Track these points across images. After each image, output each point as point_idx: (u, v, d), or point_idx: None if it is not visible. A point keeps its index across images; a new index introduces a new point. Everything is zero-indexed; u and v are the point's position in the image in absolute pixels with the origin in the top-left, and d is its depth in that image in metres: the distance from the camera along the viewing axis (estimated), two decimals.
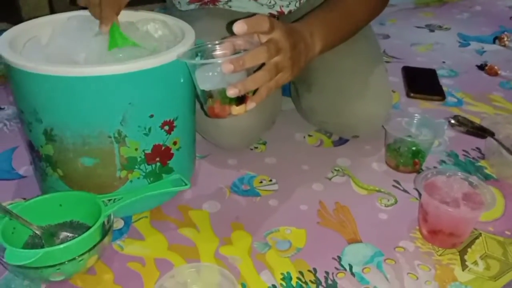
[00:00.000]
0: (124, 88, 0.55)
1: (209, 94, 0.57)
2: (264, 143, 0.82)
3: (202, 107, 0.59)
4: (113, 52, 0.61)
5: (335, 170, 0.77)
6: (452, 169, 0.77)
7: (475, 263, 0.60)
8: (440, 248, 0.61)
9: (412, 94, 0.99)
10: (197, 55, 0.59)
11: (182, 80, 0.60)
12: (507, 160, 0.74)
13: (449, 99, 0.99)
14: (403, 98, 0.99)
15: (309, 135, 0.85)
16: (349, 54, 0.81)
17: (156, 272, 0.57)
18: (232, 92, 0.53)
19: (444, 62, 1.15)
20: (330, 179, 0.74)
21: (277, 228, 0.64)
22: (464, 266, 0.59)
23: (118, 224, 0.64)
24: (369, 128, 0.80)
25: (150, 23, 0.68)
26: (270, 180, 0.74)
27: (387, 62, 1.15)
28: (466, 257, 0.60)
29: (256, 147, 0.81)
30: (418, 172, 0.75)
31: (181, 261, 0.59)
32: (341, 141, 0.84)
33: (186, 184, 0.62)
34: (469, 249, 0.62)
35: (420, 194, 0.65)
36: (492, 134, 0.78)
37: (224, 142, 0.75)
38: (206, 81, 0.56)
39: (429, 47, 1.26)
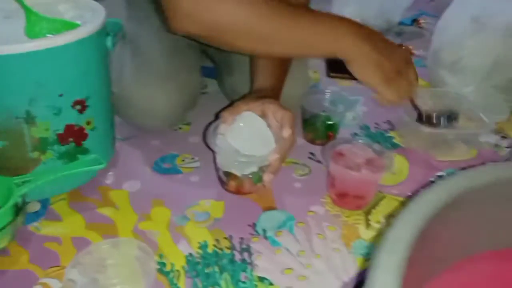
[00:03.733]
0: (30, 67, 0.55)
1: (233, 176, 0.64)
2: (188, 124, 0.84)
3: (220, 181, 0.67)
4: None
5: None
6: (366, 140, 0.82)
7: (378, 221, 0.65)
8: (347, 210, 0.67)
9: (332, 74, 1.04)
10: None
11: (92, 58, 0.60)
12: (413, 130, 0.80)
13: None
14: (323, 78, 1.04)
15: None
16: None
17: (73, 250, 0.58)
18: (269, 180, 0.63)
19: None
20: None
21: (197, 202, 0.67)
22: (367, 225, 0.65)
23: (35, 206, 0.64)
24: (287, 106, 0.83)
25: (61, 4, 0.68)
26: (193, 158, 0.76)
27: None
28: (370, 217, 0.66)
29: (180, 128, 0.83)
30: None
31: (99, 239, 0.60)
32: None
33: (101, 163, 0.63)
34: (373, 210, 0.67)
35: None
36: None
37: (145, 124, 0.76)
38: (237, 167, 0.63)
39: None
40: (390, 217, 0.66)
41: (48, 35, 0.59)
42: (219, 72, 0.88)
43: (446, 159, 0.78)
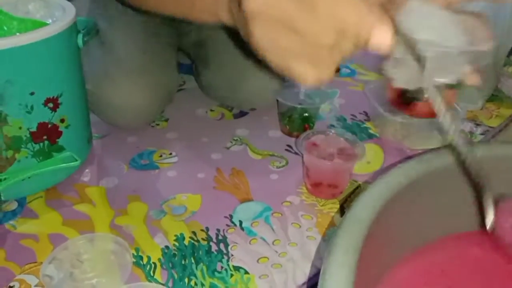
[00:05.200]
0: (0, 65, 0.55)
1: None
2: (166, 120, 0.85)
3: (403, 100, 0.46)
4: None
5: (234, 140, 0.81)
6: (341, 131, 0.84)
7: None
8: (323, 200, 0.68)
9: None
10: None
11: (63, 56, 0.60)
12: (387, 120, 0.82)
13: (343, 70, 1.06)
14: None
15: (211, 110, 0.89)
16: None
17: (50, 246, 0.58)
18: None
19: None
20: (228, 148, 0.79)
21: (173, 196, 0.67)
22: (342, 212, 0.66)
23: (12, 205, 0.64)
24: (263, 100, 0.85)
25: (31, 3, 0.68)
26: (170, 154, 0.76)
27: None
28: (345, 205, 0.67)
29: (158, 124, 0.84)
30: None
31: (76, 234, 0.60)
32: (241, 114, 0.88)
33: (76, 161, 0.63)
34: (348, 199, 0.69)
35: None
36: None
37: (119, 121, 0.77)
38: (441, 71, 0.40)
39: None
40: (350, 201, 0.67)
41: (18, 34, 0.60)
42: (196, 68, 0.89)
43: (420, 148, 0.80)
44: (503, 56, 1.01)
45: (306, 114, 0.81)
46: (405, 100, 0.47)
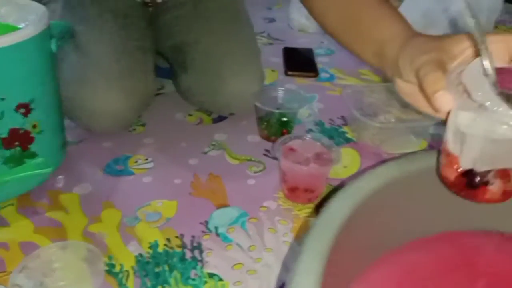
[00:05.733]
0: None
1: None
2: (143, 125, 0.84)
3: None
4: None
5: (212, 145, 0.80)
6: (318, 135, 0.84)
7: None
8: (299, 204, 0.68)
9: (289, 72, 1.06)
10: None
11: (35, 61, 0.59)
12: (364, 124, 0.82)
13: (323, 74, 1.07)
14: (281, 76, 1.06)
15: (190, 115, 0.88)
16: (222, 36, 0.85)
17: (20, 255, 0.57)
18: None
19: (322, 42, 1.24)
20: (206, 153, 0.78)
21: (148, 202, 0.67)
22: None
23: None
24: (242, 105, 0.84)
25: (3, 7, 0.66)
26: (146, 159, 0.76)
27: (270, 44, 1.21)
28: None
29: (134, 129, 0.83)
30: None
31: (47, 242, 0.59)
32: (220, 118, 0.88)
33: (48, 167, 0.62)
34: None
35: None
36: None
37: (95, 126, 0.76)
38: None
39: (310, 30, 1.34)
40: (320, 206, 0.67)
41: None
42: (174, 72, 0.88)
43: (397, 152, 0.81)
44: None
45: (284, 119, 0.81)
46: (471, 184, 0.38)
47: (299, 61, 1.11)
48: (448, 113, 0.38)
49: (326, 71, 1.09)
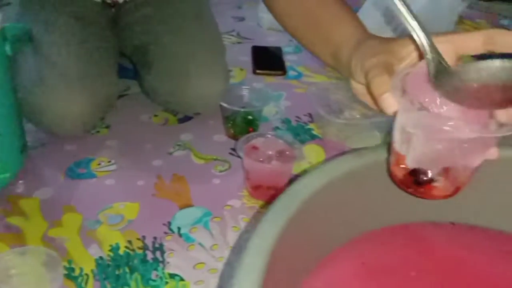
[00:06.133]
0: None
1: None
2: (107, 127, 0.83)
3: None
4: None
5: (177, 145, 0.80)
6: (285, 133, 0.85)
7: None
8: (263, 202, 0.68)
9: (257, 71, 1.06)
10: None
11: None
12: (328, 121, 0.83)
13: (291, 73, 1.08)
14: (250, 75, 1.06)
15: (155, 115, 0.88)
16: (185, 35, 0.84)
17: None
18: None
19: (291, 40, 1.25)
20: (171, 154, 0.78)
21: (110, 205, 0.66)
22: None
23: None
24: (207, 104, 0.84)
25: None
26: (109, 162, 0.75)
27: (239, 43, 1.21)
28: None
29: (98, 131, 0.82)
30: None
31: (6, 249, 0.58)
32: (186, 118, 0.88)
33: (5, 172, 0.61)
34: None
35: None
36: None
37: (56, 130, 0.74)
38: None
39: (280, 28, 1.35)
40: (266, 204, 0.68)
41: None
42: (138, 72, 0.87)
43: (361, 147, 0.82)
44: None
45: (250, 117, 0.82)
46: (418, 182, 0.40)
47: (267, 60, 1.11)
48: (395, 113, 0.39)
49: (294, 69, 1.10)
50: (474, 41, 0.39)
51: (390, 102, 0.38)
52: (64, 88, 0.72)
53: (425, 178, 0.39)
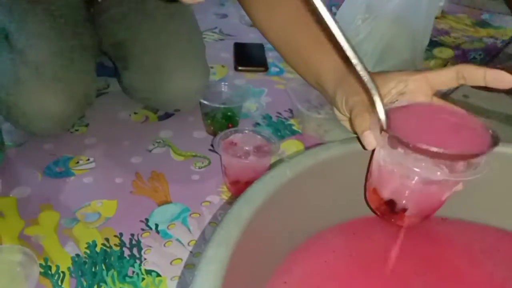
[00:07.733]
0: None
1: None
2: (86, 125, 0.83)
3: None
4: None
5: (157, 142, 0.80)
6: (265, 129, 0.85)
7: None
8: None
9: (239, 68, 1.06)
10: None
11: None
12: (307, 117, 0.84)
13: (272, 69, 1.08)
14: (231, 72, 1.06)
15: (135, 113, 0.88)
16: (164, 32, 0.84)
17: None
18: None
19: None
20: (150, 151, 0.78)
21: (88, 203, 0.66)
22: None
23: None
24: (186, 101, 0.84)
25: None
26: (88, 160, 0.75)
27: (221, 39, 1.21)
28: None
29: (77, 130, 0.81)
30: None
31: None
32: (166, 116, 0.88)
33: None
34: None
35: None
36: None
37: (34, 129, 0.74)
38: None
39: None
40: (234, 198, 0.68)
41: None
42: (117, 69, 0.87)
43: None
44: (421, 52, 1.06)
45: (229, 114, 0.82)
46: (392, 211, 0.43)
47: (249, 56, 1.12)
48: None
49: (276, 65, 1.10)
50: (447, 77, 0.42)
51: (370, 140, 0.41)
52: (41, 87, 0.72)
53: (399, 208, 0.42)
